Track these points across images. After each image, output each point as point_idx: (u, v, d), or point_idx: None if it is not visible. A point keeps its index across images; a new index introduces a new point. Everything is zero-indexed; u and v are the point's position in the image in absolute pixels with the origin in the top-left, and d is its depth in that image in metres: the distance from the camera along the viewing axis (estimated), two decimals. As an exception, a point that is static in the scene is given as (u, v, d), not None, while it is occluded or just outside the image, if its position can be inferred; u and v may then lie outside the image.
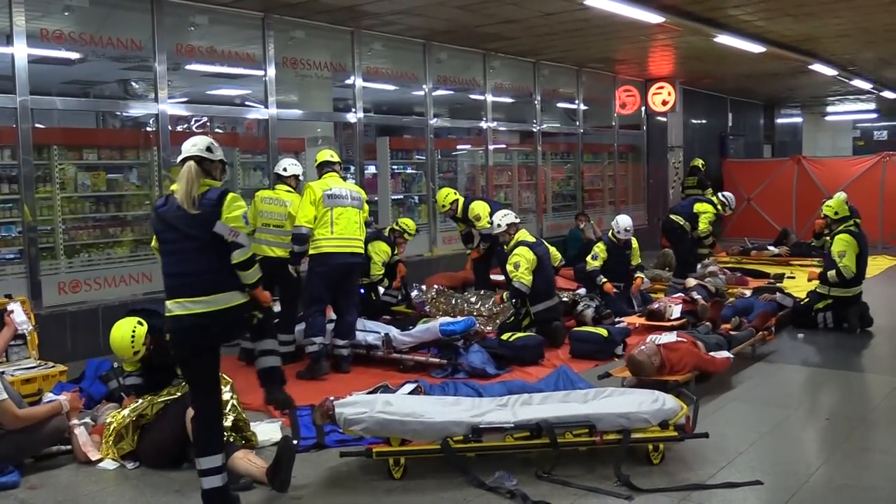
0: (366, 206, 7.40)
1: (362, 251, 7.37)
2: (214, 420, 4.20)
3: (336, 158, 7.45)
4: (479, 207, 9.69)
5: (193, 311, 4.04)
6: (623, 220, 9.56)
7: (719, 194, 11.36)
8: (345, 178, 7.73)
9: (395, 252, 8.82)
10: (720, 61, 14.13)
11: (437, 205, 10.28)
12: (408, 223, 9.18)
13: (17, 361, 6.61)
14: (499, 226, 8.21)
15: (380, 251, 8.40)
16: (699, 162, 16.54)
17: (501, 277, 8.83)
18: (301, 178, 7.82)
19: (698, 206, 10.52)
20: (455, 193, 10.07)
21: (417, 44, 11.69)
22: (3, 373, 5.26)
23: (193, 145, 4.22)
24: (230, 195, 4.12)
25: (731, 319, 7.93)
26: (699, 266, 10.47)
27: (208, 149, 4.24)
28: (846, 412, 6.01)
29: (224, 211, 4.06)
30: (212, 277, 4.08)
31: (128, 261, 8.59)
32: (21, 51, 7.53)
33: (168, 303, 4.13)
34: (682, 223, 10.43)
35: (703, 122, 19.08)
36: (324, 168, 7.34)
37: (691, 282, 9.56)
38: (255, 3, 9.18)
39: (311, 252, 7.05)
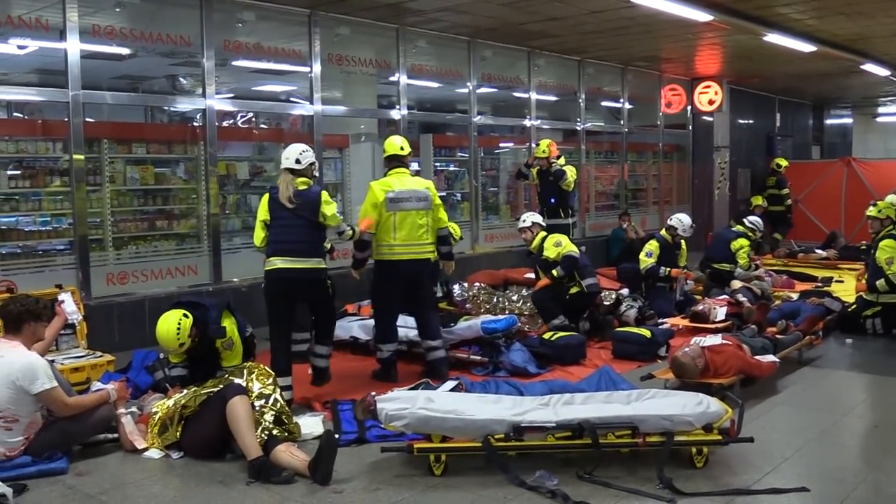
0: (437, 200, 6.80)
1: (432, 255, 6.79)
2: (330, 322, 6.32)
3: (406, 150, 6.81)
4: (570, 170, 10.14)
5: (293, 266, 5.76)
6: (686, 219, 9.53)
7: (746, 220, 11.34)
8: (414, 173, 7.32)
9: None
10: (769, 60, 13.90)
11: (539, 149, 10.51)
12: (454, 228, 9.15)
13: (66, 350, 6.77)
14: (524, 221, 8.46)
15: None
16: (780, 161, 16.24)
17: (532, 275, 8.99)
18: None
19: (734, 244, 10.40)
20: (557, 150, 10.49)
21: (462, 41, 11.69)
22: (53, 361, 5.37)
23: (286, 158, 5.88)
24: (324, 193, 5.89)
25: (777, 323, 7.80)
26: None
27: (297, 161, 5.87)
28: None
29: (322, 205, 5.80)
30: (308, 246, 5.82)
31: (174, 254, 8.72)
32: (74, 46, 7.67)
33: (273, 258, 5.80)
34: (728, 269, 10.30)
35: (751, 122, 18.80)
36: (391, 162, 6.74)
37: (737, 284, 9.45)
38: (302, 0, 9.25)
39: (374, 258, 6.69)
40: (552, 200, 10.27)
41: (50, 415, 4.84)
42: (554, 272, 8.01)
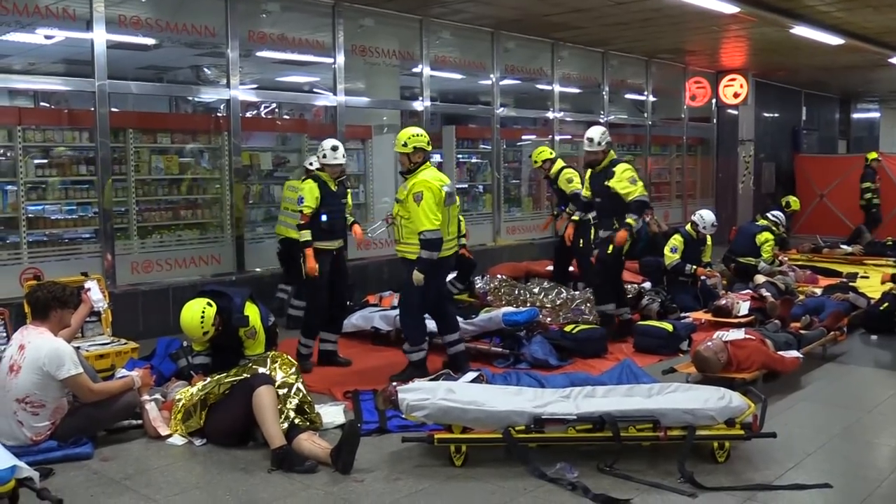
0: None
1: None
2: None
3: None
4: (573, 172, 9.72)
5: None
6: (708, 216, 9.44)
7: (769, 215, 11.25)
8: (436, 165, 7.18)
9: None
10: (795, 53, 13.76)
11: (532, 159, 10.24)
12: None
13: (91, 337, 6.85)
14: (598, 143, 7.61)
15: None
16: (869, 155, 15.89)
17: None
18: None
19: (759, 238, 10.35)
20: (551, 153, 10.08)
21: (485, 33, 11.65)
22: (78, 348, 5.43)
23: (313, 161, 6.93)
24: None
25: (801, 318, 7.73)
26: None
27: (323, 156, 6.85)
28: (921, 417, 5.82)
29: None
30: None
31: (198, 243, 8.79)
32: (100, 36, 7.72)
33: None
34: (753, 263, 10.23)
35: (776, 115, 18.62)
36: (423, 155, 6.37)
37: (760, 279, 9.39)
38: (326, -9, 9.28)
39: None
40: (562, 207, 9.94)
41: (76, 400, 4.90)
42: (631, 220, 7.51)
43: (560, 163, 9.93)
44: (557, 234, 9.76)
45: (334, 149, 6.92)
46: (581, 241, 9.18)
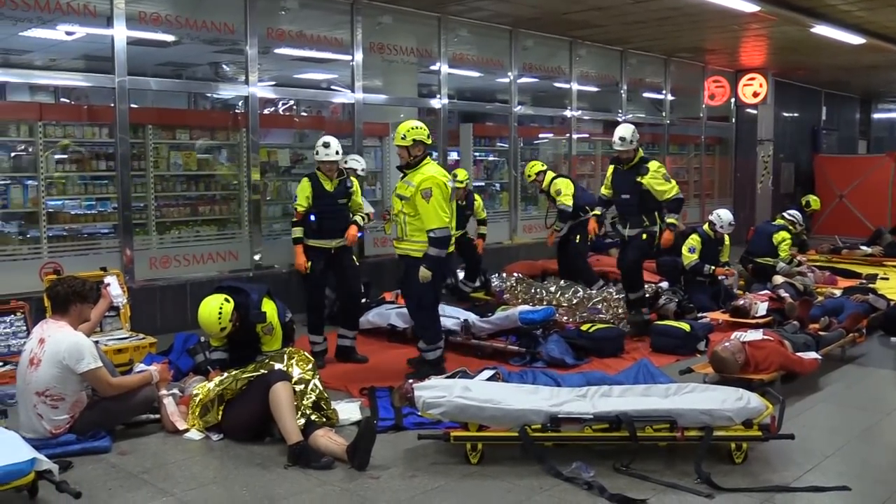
0: None
1: None
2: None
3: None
4: (563, 183, 9.63)
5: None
6: (725, 215, 9.40)
7: (785, 214, 11.22)
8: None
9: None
10: (816, 52, 13.65)
11: (525, 174, 10.22)
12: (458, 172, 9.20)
13: (110, 332, 6.91)
14: (631, 142, 7.79)
15: None
16: None
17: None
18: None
19: (776, 237, 10.33)
20: (543, 165, 10.07)
21: (503, 30, 11.64)
22: (97, 342, 5.46)
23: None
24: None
25: (819, 319, 7.67)
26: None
27: (316, 153, 6.72)
28: (941, 420, 5.76)
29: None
30: None
31: (215, 239, 8.82)
32: (121, 33, 7.76)
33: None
34: (771, 263, 10.18)
35: (795, 115, 18.49)
36: (424, 149, 6.30)
37: (778, 279, 9.32)
38: (345, -11, 9.29)
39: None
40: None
41: (95, 394, 4.93)
42: (673, 219, 7.69)
43: (550, 174, 9.91)
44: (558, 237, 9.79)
45: (326, 145, 6.87)
46: (578, 237, 9.31)
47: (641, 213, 7.75)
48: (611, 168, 8.04)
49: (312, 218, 6.83)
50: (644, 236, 7.81)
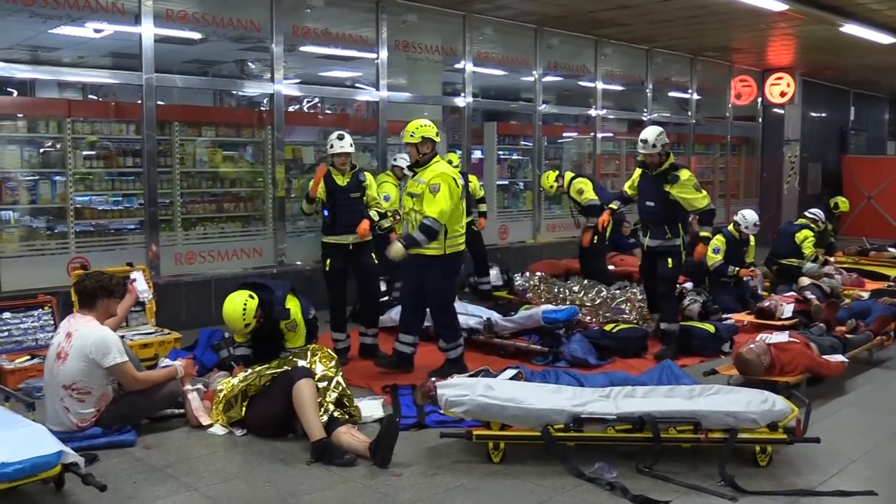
0: None
1: None
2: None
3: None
4: (582, 182, 9.57)
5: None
6: (750, 216, 9.31)
7: (807, 212, 11.11)
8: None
9: None
10: (844, 52, 13.50)
11: (544, 189, 10.16)
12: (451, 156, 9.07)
13: (135, 327, 6.96)
14: (654, 145, 7.17)
15: None
16: None
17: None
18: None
19: (798, 236, 10.25)
20: (555, 172, 10.01)
21: (529, 29, 11.61)
22: (123, 337, 5.52)
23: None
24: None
25: (846, 322, 7.59)
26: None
27: (330, 146, 6.73)
28: (970, 425, 5.68)
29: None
30: None
31: (240, 235, 8.88)
32: (148, 30, 7.83)
33: None
34: (796, 264, 10.09)
35: (823, 115, 18.29)
36: (433, 147, 6.33)
37: (805, 281, 9.22)
38: (370, -13, 9.31)
39: (448, 252, 6.24)
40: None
41: (120, 388, 4.98)
42: (706, 232, 7.48)
43: (569, 175, 9.86)
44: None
45: (340, 137, 6.88)
46: (596, 237, 9.19)
47: (665, 224, 7.29)
48: (638, 170, 7.65)
49: (326, 213, 6.87)
50: (670, 262, 7.28)
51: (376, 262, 7.09)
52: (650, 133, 7.24)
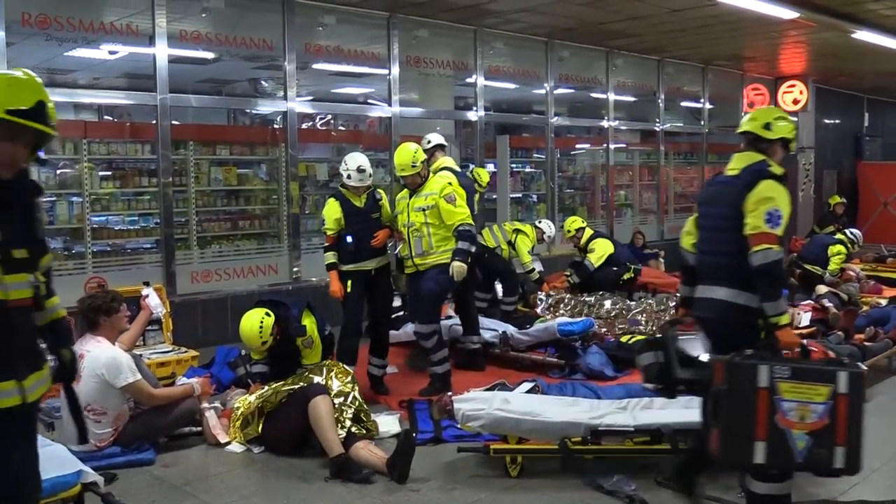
0: None
1: None
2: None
3: None
4: (599, 244, 9.59)
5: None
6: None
7: (847, 232, 11.03)
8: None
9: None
10: (857, 58, 13.43)
11: (564, 230, 10.15)
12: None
13: (153, 346, 7.00)
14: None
15: None
16: None
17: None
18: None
19: (832, 249, 10.15)
20: (583, 222, 9.99)
21: (539, 42, 11.64)
22: (140, 355, 5.55)
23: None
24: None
25: (865, 330, 7.53)
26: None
27: (348, 177, 6.26)
28: None
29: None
30: None
31: (255, 253, 8.92)
32: (162, 51, 7.91)
33: None
34: (819, 273, 10.03)
35: (837, 122, 18.19)
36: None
37: (822, 289, 9.15)
38: (381, 3, 9.36)
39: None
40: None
41: (137, 407, 5.00)
42: None
43: (589, 231, 9.86)
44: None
45: (360, 170, 6.31)
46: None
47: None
48: None
49: (350, 239, 6.31)
50: None
51: (394, 289, 6.82)
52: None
